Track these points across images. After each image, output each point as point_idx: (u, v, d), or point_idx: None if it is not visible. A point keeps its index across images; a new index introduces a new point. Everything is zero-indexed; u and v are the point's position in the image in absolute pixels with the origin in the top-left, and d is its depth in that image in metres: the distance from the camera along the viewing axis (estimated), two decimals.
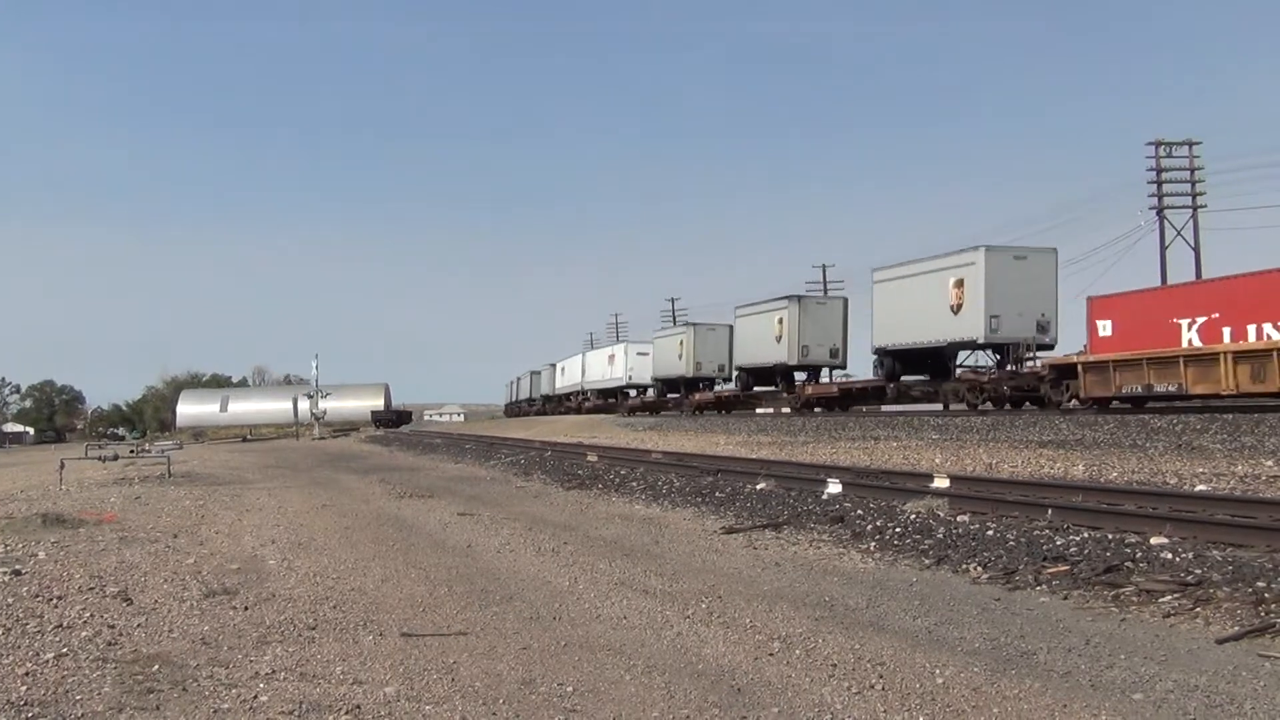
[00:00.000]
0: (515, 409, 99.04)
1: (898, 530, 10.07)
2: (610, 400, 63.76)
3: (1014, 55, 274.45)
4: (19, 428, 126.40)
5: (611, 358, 62.84)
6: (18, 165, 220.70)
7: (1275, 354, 19.53)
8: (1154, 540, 8.34)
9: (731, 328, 47.68)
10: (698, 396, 49.14)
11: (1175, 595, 6.74)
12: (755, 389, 45.12)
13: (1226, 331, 22.56)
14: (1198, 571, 7.22)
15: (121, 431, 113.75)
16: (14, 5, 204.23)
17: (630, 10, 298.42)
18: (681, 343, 50.56)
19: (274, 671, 5.52)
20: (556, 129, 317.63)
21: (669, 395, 53.31)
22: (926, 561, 8.65)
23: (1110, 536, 8.72)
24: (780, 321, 40.60)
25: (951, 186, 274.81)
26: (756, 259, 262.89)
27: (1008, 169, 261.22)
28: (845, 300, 42.57)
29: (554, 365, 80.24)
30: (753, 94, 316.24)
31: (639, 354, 58.21)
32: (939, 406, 32.54)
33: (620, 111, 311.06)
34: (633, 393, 59.84)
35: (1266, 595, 6.48)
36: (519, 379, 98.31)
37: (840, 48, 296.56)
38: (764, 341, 41.85)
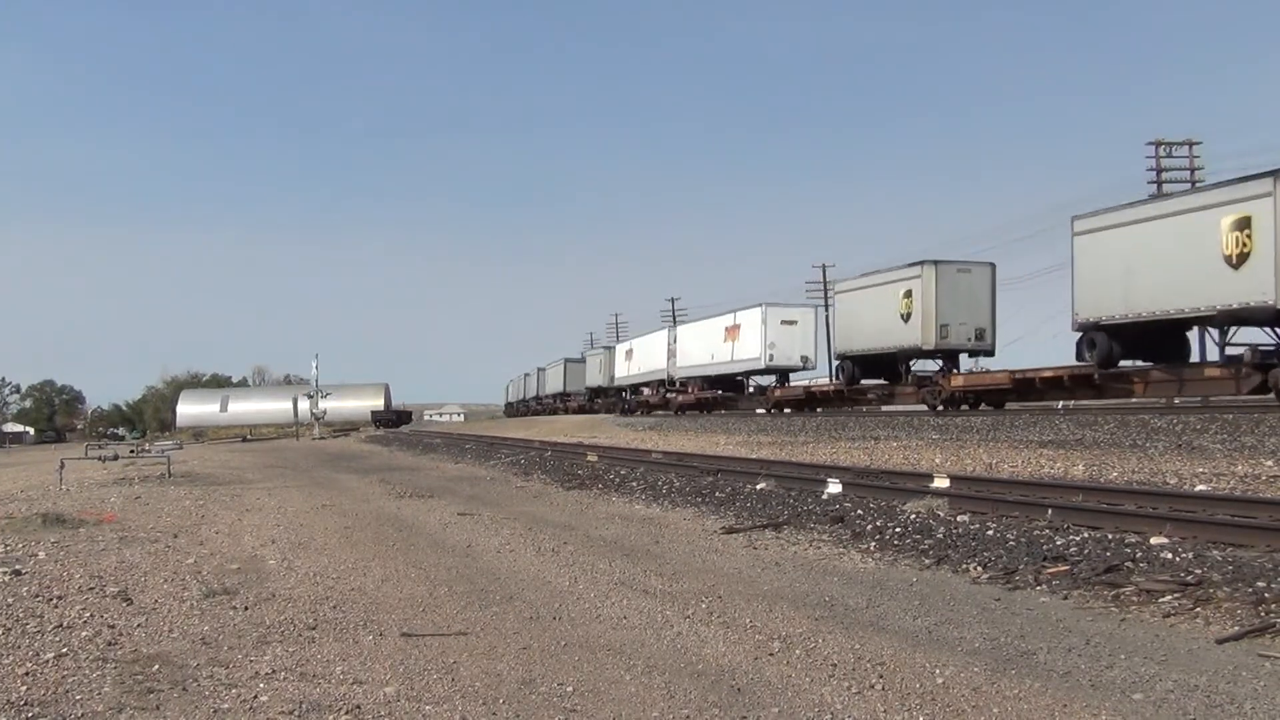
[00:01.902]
0: (518, 409, 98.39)
1: (898, 530, 10.07)
2: (721, 392, 44.96)
3: (1014, 55, 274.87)
4: (19, 428, 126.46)
5: (733, 330, 43.41)
6: (17, 165, 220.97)
7: None
8: (1154, 540, 8.33)
9: (995, 267, 30.31)
10: (959, 379, 29.25)
11: (1175, 595, 6.73)
12: (1123, 363, 24.18)
13: None
14: (1198, 571, 7.21)
15: (121, 431, 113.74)
16: (14, 4, 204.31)
17: (630, 9, 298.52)
18: (908, 294, 30.60)
19: (274, 671, 5.52)
20: (557, 129, 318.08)
21: (864, 380, 34.83)
22: (926, 561, 8.65)
23: (1110, 536, 8.72)
24: (1236, 227, 19.91)
25: (952, 186, 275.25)
26: (756, 259, 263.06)
27: (1008, 168, 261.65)
28: None
29: (610, 349, 65.93)
30: (753, 93, 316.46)
31: (784, 323, 41.05)
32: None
33: (620, 111, 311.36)
34: (768, 379, 42.25)
35: (1266, 595, 6.48)
36: (529, 373, 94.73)
37: (841, 47, 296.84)
38: (1165, 272, 21.81)
